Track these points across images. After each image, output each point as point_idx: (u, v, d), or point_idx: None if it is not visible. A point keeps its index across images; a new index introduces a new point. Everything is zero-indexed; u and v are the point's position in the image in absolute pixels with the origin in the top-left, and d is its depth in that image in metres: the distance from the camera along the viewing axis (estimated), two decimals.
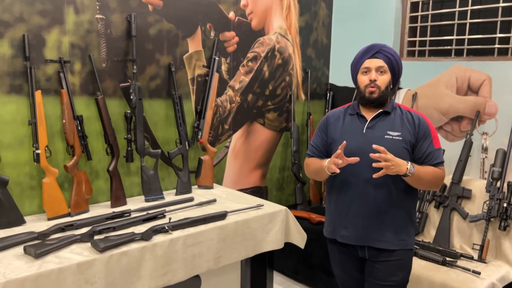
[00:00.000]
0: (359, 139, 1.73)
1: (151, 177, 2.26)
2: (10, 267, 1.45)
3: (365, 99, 1.75)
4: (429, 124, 1.75)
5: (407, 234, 1.76)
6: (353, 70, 1.82)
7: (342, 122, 1.82)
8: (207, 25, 2.56)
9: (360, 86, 1.77)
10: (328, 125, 1.86)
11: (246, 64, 2.81)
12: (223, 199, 2.34)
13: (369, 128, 1.74)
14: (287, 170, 3.19)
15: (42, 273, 1.45)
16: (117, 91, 2.22)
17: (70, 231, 1.78)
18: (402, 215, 1.75)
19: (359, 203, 1.74)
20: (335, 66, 3.37)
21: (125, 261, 1.65)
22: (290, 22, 3.02)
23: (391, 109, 1.76)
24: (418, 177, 1.65)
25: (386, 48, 1.75)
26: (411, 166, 1.63)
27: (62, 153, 2.05)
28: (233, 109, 2.79)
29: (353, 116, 1.80)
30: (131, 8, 2.21)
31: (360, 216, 1.74)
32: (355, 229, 1.76)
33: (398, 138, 1.70)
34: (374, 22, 3.08)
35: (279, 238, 2.18)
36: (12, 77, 1.89)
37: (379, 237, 1.74)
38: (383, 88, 1.72)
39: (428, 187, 1.77)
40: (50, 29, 1.97)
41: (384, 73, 1.73)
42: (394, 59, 1.74)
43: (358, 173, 1.71)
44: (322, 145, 1.86)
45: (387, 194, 1.71)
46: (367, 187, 1.71)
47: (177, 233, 1.82)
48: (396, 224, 1.74)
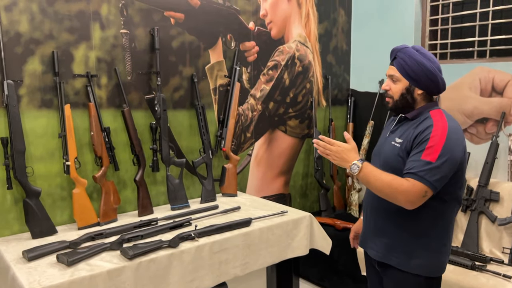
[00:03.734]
0: (381, 143, 1.74)
1: (177, 185, 2.30)
2: (44, 275, 1.51)
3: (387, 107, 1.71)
4: (433, 135, 1.49)
5: (420, 256, 1.58)
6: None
7: (386, 124, 1.83)
8: (228, 36, 2.61)
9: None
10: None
11: (266, 72, 2.84)
12: (247, 206, 2.36)
13: (391, 132, 1.70)
14: (310, 176, 3.19)
15: (75, 280, 1.49)
16: (142, 102, 2.28)
17: (100, 239, 1.83)
18: (400, 228, 1.60)
19: (366, 207, 1.74)
20: (355, 71, 3.37)
21: (154, 268, 1.68)
22: (309, 30, 3.05)
23: (413, 116, 1.61)
24: (365, 180, 1.54)
25: (401, 52, 1.60)
26: (356, 165, 1.52)
27: (90, 164, 2.12)
28: (255, 117, 2.82)
29: (393, 120, 1.75)
30: (154, 22, 2.28)
31: (371, 226, 1.72)
32: (370, 240, 1.72)
33: (397, 145, 1.59)
34: (394, 27, 3.08)
35: (304, 244, 2.18)
36: (43, 92, 1.97)
37: (389, 252, 1.63)
38: (396, 97, 1.62)
39: (383, 196, 1.54)
40: (78, 45, 2.05)
41: (397, 81, 1.61)
42: (406, 65, 1.57)
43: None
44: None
45: (384, 202, 1.57)
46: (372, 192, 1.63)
47: (203, 240, 1.85)
48: (407, 240, 1.59)
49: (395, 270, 1.63)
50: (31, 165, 1.92)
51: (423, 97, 1.61)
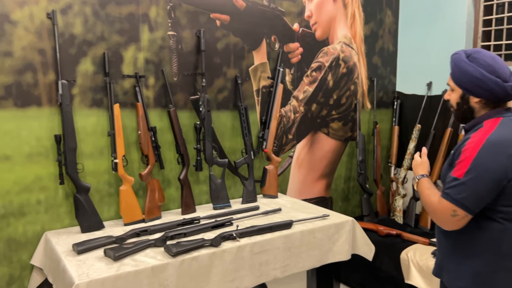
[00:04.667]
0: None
1: (219, 185, 2.33)
2: (92, 268, 1.57)
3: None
4: (465, 149, 1.41)
5: (453, 274, 1.50)
6: None
7: None
8: (272, 37, 2.61)
9: None
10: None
11: (310, 74, 2.82)
12: (288, 208, 2.35)
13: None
14: (352, 180, 3.14)
15: (121, 274, 1.54)
16: (188, 103, 2.32)
17: (145, 236, 1.87)
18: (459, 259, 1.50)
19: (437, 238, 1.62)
20: (402, 73, 3.28)
21: (196, 266, 1.71)
22: (354, 31, 3.00)
23: (469, 127, 1.53)
24: (420, 191, 1.57)
25: (451, 60, 1.53)
26: (421, 176, 1.59)
27: (137, 162, 2.18)
28: (297, 119, 2.81)
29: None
30: (200, 24, 2.32)
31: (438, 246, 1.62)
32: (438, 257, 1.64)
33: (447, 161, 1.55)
34: (444, 28, 2.97)
35: (345, 249, 2.14)
36: (93, 92, 2.05)
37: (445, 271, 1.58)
38: (454, 106, 1.55)
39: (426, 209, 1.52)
40: (127, 46, 2.12)
41: (453, 90, 1.54)
42: (453, 73, 1.52)
43: None
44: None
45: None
46: None
47: (244, 241, 1.86)
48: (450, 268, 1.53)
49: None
50: (81, 161, 2.00)
51: (482, 105, 1.48)
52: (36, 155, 1.93)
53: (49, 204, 1.98)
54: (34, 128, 1.92)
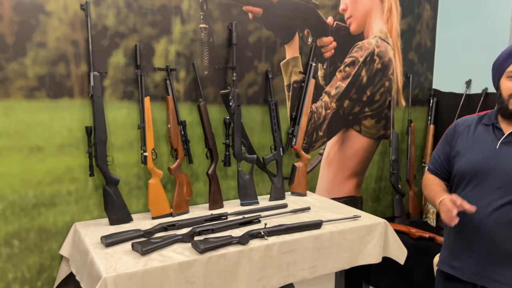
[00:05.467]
0: (489, 155, 1.47)
1: (247, 181, 2.29)
2: (120, 262, 1.56)
3: (508, 112, 1.45)
4: None
5: None
6: (495, 72, 1.50)
7: (473, 132, 1.55)
8: (305, 31, 2.55)
9: (503, 94, 1.46)
10: (454, 135, 1.60)
11: (343, 69, 2.74)
12: (317, 207, 2.30)
13: (504, 143, 1.46)
14: (384, 180, 3.05)
15: (148, 269, 1.53)
16: (218, 97, 2.29)
17: (172, 230, 1.86)
18: None
19: (478, 232, 1.47)
20: (439, 70, 3.15)
21: (223, 263, 1.68)
22: (391, 25, 2.89)
23: None
24: None
25: None
26: None
27: (166, 156, 2.17)
28: (328, 116, 2.74)
29: (487, 127, 1.52)
30: (232, 17, 2.27)
31: (479, 249, 1.47)
32: (470, 263, 1.50)
33: None
34: (486, 22, 2.82)
35: (377, 252, 2.07)
36: (125, 84, 2.04)
37: (500, 277, 1.44)
38: None
39: None
40: (159, 38, 2.10)
41: None
42: None
43: (482, 196, 1.45)
44: (444, 158, 1.63)
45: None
46: (492, 213, 1.44)
47: (272, 239, 1.82)
48: None
49: None
50: (111, 154, 2.00)
51: None
52: (68, 146, 1.94)
53: (79, 195, 1.99)
54: (66, 120, 1.93)
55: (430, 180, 1.68)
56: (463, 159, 1.50)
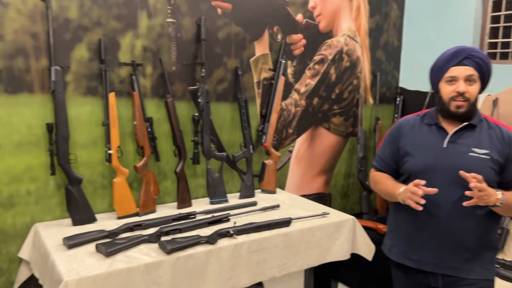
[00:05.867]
0: (438, 154, 1.55)
1: (216, 179, 2.26)
2: (83, 264, 1.50)
3: (450, 114, 1.54)
4: None
5: (491, 262, 1.57)
6: (435, 76, 1.59)
7: (418, 132, 1.63)
8: (275, 28, 2.53)
9: (443, 97, 1.55)
10: (400, 135, 1.67)
11: (312, 67, 2.74)
12: (286, 205, 2.29)
13: (450, 142, 1.55)
14: (352, 177, 3.08)
15: (112, 272, 1.48)
16: (186, 94, 2.24)
17: (138, 230, 1.81)
18: (486, 241, 1.55)
19: (435, 226, 1.55)
20: (406, 69, 3.21)
21: (191, 264, 1.65)
22: (359, 24, 2.92)
23: (477, 122, 1.55)
24: (508, 207, 1.46)
25: (477, 52, 1.53)
26: (501, 196, 1.43)
27: (132, 153, 2.11)
28: (298, 113, 2.73)
29: (431, 126, 1.61)
30: (201, 12, 2.23)
31: (436, 241, 1.56)
32: (430, 255, 1.58)
33: (485, 157, 1.49)
34: (450, 23, 2.89)
35: (345, 248, 2.09)
36: (88, 80, 1.96)
37: (457, 264, 1.54)
38: (472, 100, 1.51)
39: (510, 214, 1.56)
40: (125, 33, 2.03)
41: (474, 82, 1.51)
42: (485, 66, 1.52)
43: (437, 194, 1.50)
44: (391, 158, 1.69)
45: (467, 218, 1.51)
46: (443, 208, 1.52)
47: (242, 238, 1.80)
48: (479, 251, 1.54)
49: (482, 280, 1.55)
50: (74, 152, 1.93)
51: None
52: (27, 144, 1.85)
53: (40, 195, 1.90)
54: (25, 116, 1.84)
55: (380, 175, 1.73)
56: (413, 158, 1.58)
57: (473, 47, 1.56)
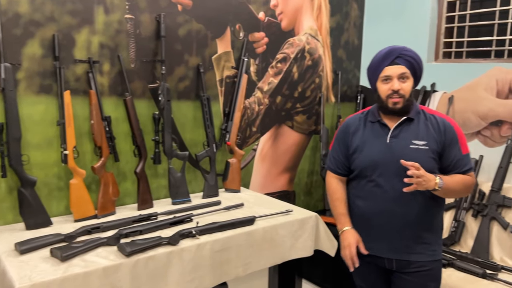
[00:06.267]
0: (383, 149, 1.65)
1: (179, 179, 2.22)
2: (36, 270, 1.43)
3: (389, 110, 1.64)
4: (456, 128, 1.65)
5: (437, 244, 1.69)
6: (372, 76, 1.70)
7: (363, 130, 1.73)
8: (237, 26, 2.51)
9: (381, 96, 1.65)
10: (348, 134, 1.76)
11: (275, 65, 2.74)
12: (250, 203, 2.28)
13: (393, 137, 1.65)
14: (315, 174, 3.11)
15: (68, 276, 1.42)
16: (146, 92, 2.19)
17: (97, 233, 1.75)
18: (430, 225, 1.67)
19: (385, 215, 1.66)
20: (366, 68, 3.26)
21: (152, 266, 1.60)
22: (320, 23, 2.94)
23: (415, 115, 1.66)
24: (447, 189, 1.57)
25: (407, 51, 1.63)
26: (440, 181, 1.55)
27: (89, 154, 2.03)
28: (261, 111, 2.73)
29: (374, 123, 1.70)
30: (160, 8, 2.18)
31: (388, 228, 1.67)
32: (383, 241, 1.68)
33: (424, 148, 1.61)
34: (408, 23, 2.97)
35: (308, 245, 2.10)
36: (42, 77, 1.88)
37: (409, 249, 1.66)
38: (407, 95, 1.62)
39: (457, 196, 1.74)
40: (80, 29, 1.96)
41: (407, 79, 1.62)
42: (416, 63, 1.63)
43: (383, 185, 1.64)
44: (343, 156, 1.78)
45: (414, 205, 1.63)
46: (393, 198, 1.63)
47: (205, 238, 1.77)
48: (425, 235, 1.66)
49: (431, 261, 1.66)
50: (27, 153, 1.84)
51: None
52: None
53: None
54: None
55: (333, 189, 1.83)
56: (361, 155, 1.68)
57: (404, 46, 1.64)
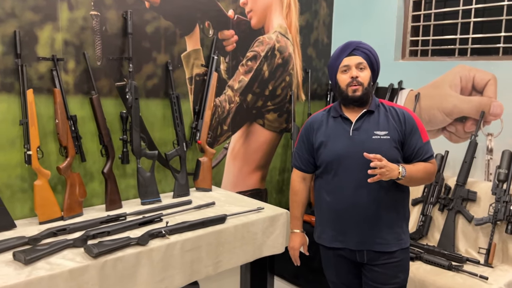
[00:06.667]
0: (346, 142, 1.69)
1: (148, 179, 2.18)
2: None
3: (349, 99, 1.69)
4: (415, 118, 1.71)
5: (404, 233, 1.74)
6: (332, 70, 1.75)
7: (326, 126, 1.76)
8: (206, 23, 2.50)
9: (341, 86, 1.70)
10: (312, 131, 1.80)
11: (245, 63, 2.74)
12: (222, 202, 2.27)
13: (355, 130, 1.69)
14: (287, 172, 3.12)
15: (32, 280, 1.38)
16: (113, 90, 2.15)
17: (63, 235, 1.70)
18: (397, 214, 1.72)
19: (353, 208, 1.69)
20: None
21: (120, 267, 1.58)
22: (290, 21, 2.96)
23: (375, 107, 1.71)
24: (410, 178, 1.61)
25: (363, 44, 1.71)
26: (402, 169, 1.59)
27: (55, 154, 1.98)
28: (232, 110, 2.72)
29: (336, 118, 1.74)
30: (127, 5, 2.14)
31: (356, 220, 1.70)
32: (353, 234, 1.71)
33: (386, 137, 1.66)
34: (376, 21, 3.02)
35: (280, 242, 2.11)
36: (2, 75, 1.81)
37: (378, 240, 1.70)
38: (365, 84, 1.67)
39: (421, 184, 1.73)
40: (43, 25, 1.90)
41: (364, 69, 1.68)
42: (372, 55, 1.70)
43: (348, 178, 1.68)
44: (308, 153, 1.81)
45: (380, 196, 1.67)
46: (359, 190, 1.67)
47: (175, 238, 1.75)
48: (392, 225, 1.71)
49: (399, 251, 1.70)
50: None
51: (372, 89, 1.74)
52: None
53: None
54: None
55: (295, 190, 1.91)
56: (326, 149, 1.72)
57: (360, 41, 1.73)
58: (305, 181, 1.87)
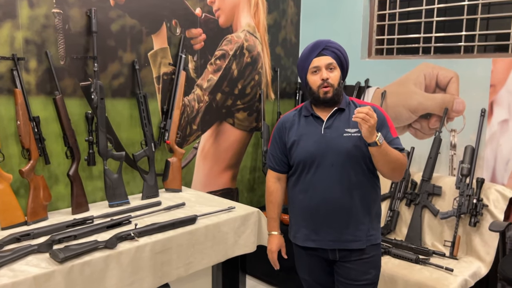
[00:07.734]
0: (318, 140, 1.69)
1: (115, 181, 2.14)
2: None
3: (320, 100, 1.69)
4: (384, 114, 1.72)
5: (374, 228, 1.76)
6: (301, 70, 1.74)
7: (298, 125, 1.76)
8: (173, 22, 2.46)
9: (312, 87, 1.69)
10: (284, 131, 1.79)
11: (214, 62, 2.72)
12: (192, 202, 2.25)
13: (326, 128, 1.70)
14: (258, 170, 3.12)
15: None
16: (77, 90, 2.09)
17: (27, 241, 1.65)
18: (368, 211, 1.73)
19: (325, 204, 1.69)
20: None
21: (88, 271, 1.54)
22: (258, 20, 2.96)
23: (345, 105, 1.72)
24: (385, 151, 1.58)
25: (332, 43, 1.70)
26: (380, 137, 1.57)
27: (17, 157, 1.91)
28: (202, 109, 2.70)
29: (308, 117, 1.75)
30: (91, 3, 2.09)
31: (329, 218, 1.70)
32: (326, 232, 1.71)
33: (357, 135, 1.66)
34: (343, 20, 3.06)
35: (251, 241, 2.11)
36: None
37: (350, 237, 1.70)
38: (336, 85, 1.67)
39: (393, 169, 1.66)
40: (1, 23, 1.83)
41: (334, 69, 1.68)
42: (341, 54, 1.70)
43: (321, 175, 1.68)
44: (282, 153, 1.81)
45: (352, 192, 1.68)
46: (331, 187, 1.67)
47: (144, 240, 1.72)
48: (364, 221, 1.72)
49: (371, 247, 1.71)
50: None
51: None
52: None
53: None
54: None
55: (270, 191, 1.86)
56: (298, 149, 1.72)
57: (329, 39, 1.72)
58: (280, 181, 1.85)
